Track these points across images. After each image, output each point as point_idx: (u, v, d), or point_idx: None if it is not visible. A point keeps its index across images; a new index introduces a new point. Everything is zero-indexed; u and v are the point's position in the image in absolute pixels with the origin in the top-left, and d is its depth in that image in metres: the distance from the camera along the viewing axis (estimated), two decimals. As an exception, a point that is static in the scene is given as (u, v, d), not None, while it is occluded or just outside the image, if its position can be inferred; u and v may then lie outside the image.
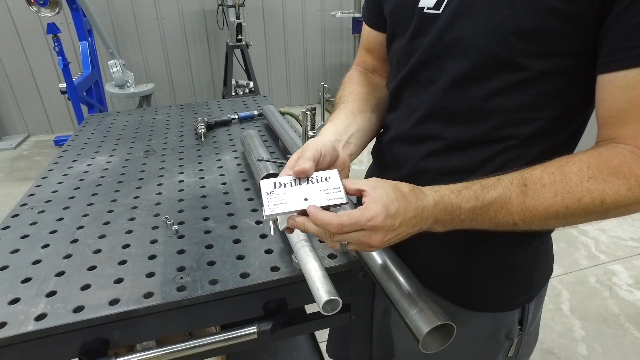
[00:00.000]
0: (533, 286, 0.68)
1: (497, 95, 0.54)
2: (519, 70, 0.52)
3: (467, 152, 0.59)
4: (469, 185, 0.51)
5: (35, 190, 0.97)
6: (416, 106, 0.64)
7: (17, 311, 0.60)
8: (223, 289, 0.63)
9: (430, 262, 0.68)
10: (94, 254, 0.73)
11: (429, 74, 0.61)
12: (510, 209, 0.49)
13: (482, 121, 0.56)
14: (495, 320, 0.68)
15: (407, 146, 0.67)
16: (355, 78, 0.79)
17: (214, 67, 4.41)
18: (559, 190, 0.47)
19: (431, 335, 0.50)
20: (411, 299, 0.51)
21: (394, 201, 0.47)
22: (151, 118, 1.50)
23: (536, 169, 0.49)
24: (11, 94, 3.96)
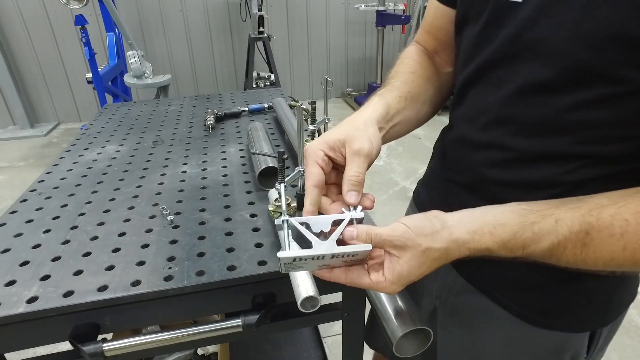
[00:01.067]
0: (611, 310, 0.60)
1: (582, 108, 0.46)
2: (615, 82, 0.44)
3: (538, 166, 0.52)
4: (519, 232, 0.44)
5: (46, 177, 1.00)
6: (483, 108, 0.57)
7: (11, 293, 0.63)
8: (209, 280, 0.64)
9: (498, 272, 0.61)
10: (90, 240, 0.75)
11: (500, 74, 0.53)
12: (560, 258, 0.44)
13: (560, 135, 0.49)
14: (562, 340, 0.61)
15: (471, 151, 0.60)
16: (416, 56, 0.71)
17: (236, 58, 4.45)
18: (630, 244, 0.39)
19: (408, 340, 0.48)
20: (390, 301, 0.50)
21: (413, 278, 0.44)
22: (164, 109, 1.52)
23: (606, 210, 0.41)
24: (43, 83, 4.12)
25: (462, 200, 0.62)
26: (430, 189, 0.77)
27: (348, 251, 0.44)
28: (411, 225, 0.44)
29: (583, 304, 0.58)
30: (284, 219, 0.46)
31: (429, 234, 0.44)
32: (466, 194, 0.62)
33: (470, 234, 0.44)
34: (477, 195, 0.60)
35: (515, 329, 0.61)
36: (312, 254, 0.43)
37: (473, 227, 0.45)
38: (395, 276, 0.43)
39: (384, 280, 0.44)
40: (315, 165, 0.49)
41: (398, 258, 0.44)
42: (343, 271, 0.46)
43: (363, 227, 0.44)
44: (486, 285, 0.62)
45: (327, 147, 0.51)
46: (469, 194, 0.62)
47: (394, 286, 0.44)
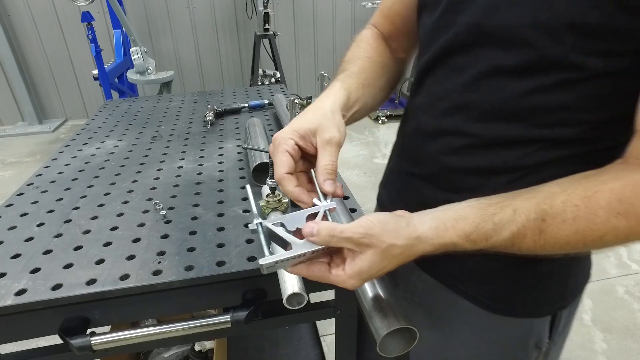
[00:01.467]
0: (568, 292, 0.62)
1: (540, 93, 0.48)
2: (571, 69, 0.45)
3: (496, 151, 0.53)
4: (480, 225, 0.45)
5: (43, 171, 1.01)
6: (441, 95, 0.57)
7: (0, 285, 0.63)
8: (197, 275, 0.63)
9: (459, 264, 0.62)
10: (83, 234, 0.75)
11: (460, 61, 0.54)
12: (521, 246, 0.45)
13: (518, 119, 0.50)
14: (525, 327, 0.63)
15: (429, 140, 0.60)
16: (372, 40, 0.72)
17: (242, 56, 4.46)
18: (581, 227, 0.42)
19: (394, 339, 0.47)
20: (375, 300, 0.49)
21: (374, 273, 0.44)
22: (165, 105, 1.52)
23: (557, 198, 0.43)
24: (52, 80, 4.16)
25: (421, 193, 0.63)
26: (389, 188, 0.77)
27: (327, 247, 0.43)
28: (375, 222, 0.44)
29: (541, 289, 0.59)
30: (257, 222, 0.47)
31: (392, 230, 0.44)
32: (426, 185, 0.62)
33: (433, 229, 0.45)
34: (437, 185, 0.60)
35: (480, 320, 0.63)
36: (293, 255, 0.43)
37: (436, 223, 0.45)
38: (355, 271, 0.43)
39: (344, 274, 0.44)
40: (285, 153, 0.50)
41: (361, 253, 0.44)
42: (306, 266, 0.46)
43: (326, 224, 0.43)
44: (449, 278, 0.63)
45: (298, 136, 0.51)
46: (428, 186, 0.62)
47: (352, 281, 0.44)
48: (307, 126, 0.51)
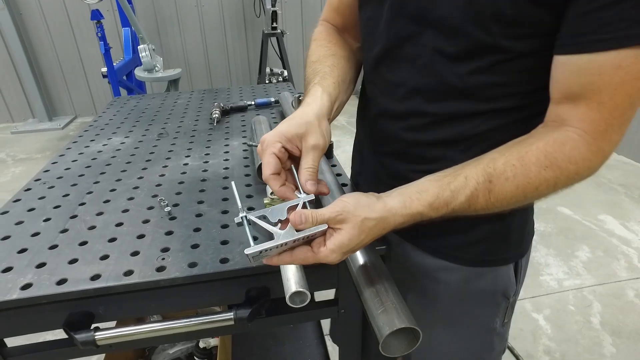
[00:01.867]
0: (524, 241, 0.71)
1: (479, 73, 0.55)
2: (500, 52, 0.53)
3: (452, 125, 0.60)
4: (440, 193, 0.51)
5: (51, 167, 1.02)
6: (399, 81, 0.63)
7: (7, 279, 0.63)
8: (200, 272, 0.63)
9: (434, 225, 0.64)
10: (88, 230, 0.75)
11: (410, 50, 0.60)
12: (476, 206, 0.52)
13: (464, 97, 0.58)
14: (491, 276, 0.70)
15: (393, 121, 0.67)
16: (330, 37, 0.76)
17: (250, 54, 4.46)
18: (520, 182, 0.50)
19: (397, 339, 0.47)
20: (379, 298, 0.48)
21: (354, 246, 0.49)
22: (172, 102, 1.53)
23: (499, 161, 0.51)
24: (62, 78, 4.21)
25: (393, 167, 0.70)
26: (361, 169, 0.83)
27: (307, 234, 0.47)
28: (349, 200, 0.50)
29: (504, 239, 0.68)
30: (242, 216, 0.51)
31: (365, 205, 0.49)
32: (393, 161, 0.69)
33: (401, 202, 0.51)
34: (405, 159, 0.67)
35: (452, 276, 0.70)
36: (276, 244, 0.47)
37: (403, 198, 0.51)
38: (336, 245, 0.47)
39: (325, 250, 0.48)
40: (272, 155, 0.54)
41: (340, 230, 0.48)
42: (289, 253, 0.49)
43: (307, 211, 0.48)
44: (419, 237, 0.70)
45: (285, 139, 0.55)
46: (396, 161, 0.69)
47: (334, 254, 0.48)
48: (295, 131, 0.55)
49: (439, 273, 0.71)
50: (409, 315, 0.46)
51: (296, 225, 0.48)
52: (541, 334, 1.67)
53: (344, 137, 3.56)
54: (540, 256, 2.12)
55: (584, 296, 1.88)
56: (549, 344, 1.63)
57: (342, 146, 3.25)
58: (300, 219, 0.47)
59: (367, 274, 0.54)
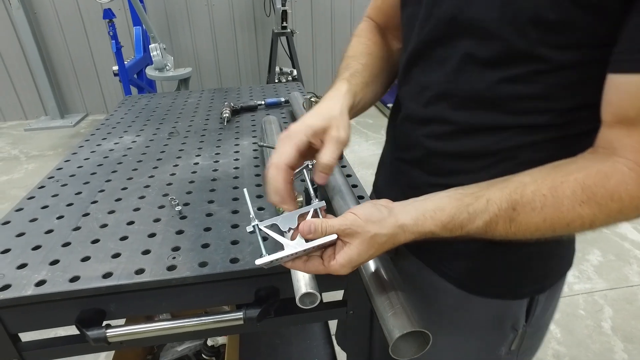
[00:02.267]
0: (548, 276, 0.65)
1: (511, 82, 0.51)
2: (537, 61, 0.48)
3: (475, 137, 0.56)
4: (456, 215, 0.48)
5: (64, 165, 1.03)
6: (427, 85, 0.60)
7: (22, 275, 0.64)
8: (211, 272, 0.64)
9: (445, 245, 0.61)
10: (100, 228, 0.76)
11: (441, 52, 0.57)
12: (494, 233, 0.48)
13: (494, 107, 0.53)
14: (502, 308, 0.65)
15: (416, 127, 0.64)
16: (370, 35, 0.74)
17: (260, 53, 4.47)
18: (549, 215, 0.45)
19: (407, 342, 0.47)
20: (389, 301, 0.48)
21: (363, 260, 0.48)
22: (183, 101, 1.54)
23: (528, 188, 0.46)
24: (74, 76, 4.26)
25: (411, 176, 0.67)
26: (383, 173, 0.81)
27: (316, 244, 0.47)
28: (360, 214, 0.48)
29: (520, 271, 0.62)
30: (253, 225, 0.51)
31: (376, 221, 0.47)
32: (414, 170, 0.66)
33: (414, 219, 0.48)
34: (423, 169, 0.64)
35: (461, 302, 0.66)
36: (286, 254, 0.47)
37: (416, 214, 0.48)
38: (345, 260, 0.47)
39: (335, 264, 0.47)
40: (294, 147, 0.53)
41: (349, 244, 0.47)
42: (303, 262, 0.50)
43: (316, 222, 0.47)
44: (431, 257, 0.67)
45: (312, 132, 0.54)
46: (415, 169, 0.66)
47: (344, 268, 0.47)
48: (321, 124, 0.54)
49: (446, 295, 0.67)
50: (419, 319, 0.46)
51: (305, 235, 0.48)
52: (550, 338, 1.65)
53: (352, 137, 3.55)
54: (551, 259, 2.09)
55: (594, 300, 1.85)
56: (558, 348, 1.61)
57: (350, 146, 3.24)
58: (309, 229, 0.47)
59: (377, 277, 0.54)
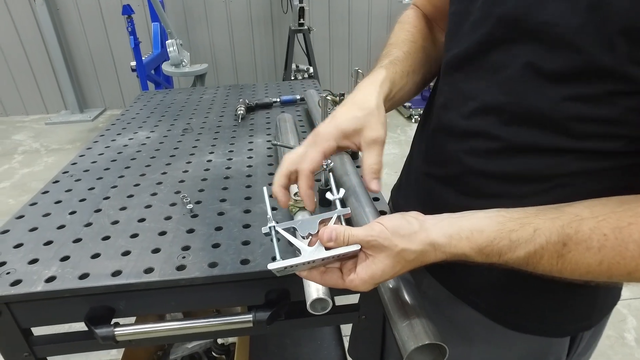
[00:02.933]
0: (594, 313, 0.58)
1: (581, 102, 0.42)
2: (620, 80, 0.40)
3: (527, 157, 0.48)
4: (496, 239, 0.42)
5: (78, 160, 1.03)
6: (472, 94, 0.52)
7: (32, 271, 0.64)
8: (220, 273, 0.62)
9: (475, 276, 0.58)
10: (111, 224, 0.75)
11: (495, 58, 0.48)
12: (537, 267, 0.42)
13: (553, 127, 0.45)
14: (541, 345, 0.59)
15: (453, 140, 0.56)
16: (416, 22, 0.69)
17: (276, 50, 4.46)
18: (607, 259, 0.38)
19: (423, 354, 0.44)
20: (404, 311, 0.46)
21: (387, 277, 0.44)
22: (198, 97, 1.53)
23: (586, 224, 0.39)
24: (93, 71, 4.33)
25: (440, 196, 0.60)
26: (406, 190, 0.74)
27: (337, 254, 0.43)
28: (388, 225, 0.43)
29: (563, 309, 0.56)
30: (270, 226, 0.47)
31: (405, 235, 0.43)
32: (445, 189, 0.59)
33: (447, 237, 0.43)
34: (457, 189, 0.57)
35: (493, 334, 0.59)
36: (302, 261, 0.44)
37: (450, 231, 0.43)
38: (368, 275, 0.43)
39: (356, 279, 0.44)
40: (321, 153, 0.50)
41: (373, 257, 0.43)
42: (319, 274, 0.46)
43: (339, 229, 0.44)
44: (462, 288, 0.60)
45: (342, 135, 0.51)
46: (448, 189, 0.58)
47: (366, 285, 0.44)
48: (354, 126, 0.51)
49: (478, 326, 0.61)
50: (435, 331, 0.43)
51: (325, 242, 0.44)
52: (569, 347, 1.60)
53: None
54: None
55: (617, 310, 1.78)
56: (577, 358, 1.56)
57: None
58: (330, 236, 0.43)
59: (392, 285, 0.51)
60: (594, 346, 0.65)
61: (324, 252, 0.44)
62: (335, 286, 0.46)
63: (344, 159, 0.89)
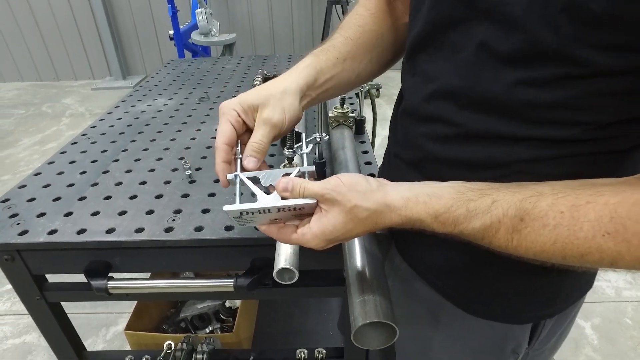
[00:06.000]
0: (558, 302, 0.57)
1: (533, 86, 0.41)
2: (569, 63, 0.38)
3: (482, 144, 0.47)
4: (453, 207, 0.41)
5: (98, 124, 1.08)
6: (432, 76, 0.50)
7: (39, 223, 0.69)
8: (204, 237, 0.64)
9: (437, 255, 0.57)
10: (115, 185, 0.79)
11: (453, 38, 0.46)
12: (492, 240, 0.41)
13: (509, 113, 0.44)
14: (503, 331, 0.58)
15: (415, 123, 0.55)
16: (371, 5, 0.65)
17: (315, 21, 4.40)
18: (561, 238, 0.37)
19: (376, 331, 0.44)
20: (361, 287, 0.46)
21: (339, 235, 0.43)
22: (220, 67, 1.55)
23: (544, 200, 0.38)
24: (136, 39, 4.46)
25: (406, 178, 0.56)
26: (383, 169, 0.72)
27: (291, 204, 0.43)
28: (345, 180, 0.43)
29: (525, 295, 0.54)
30: (235, 174, 0.48)
31: (361, 192, 0.43)
32: (411, 171, 0.57)
33: (404, 200, 0.42)
34: (421, 173, 0.55)
35: (455, 318, 0.58)
36: (257, 207, 0.43)
37: (408, 195, 0.43)
38: (320, 229, 0.43)
39: (308, 232, 0.43)
40: (227, 123, 0.50)
41: (326, 212, 0.43)
42: (277, 228, 0.47)
43: (295, 180, 0.44)
44: (428, 271, 0.59)
45: (241, 109, 0.51)
46: (414, 172, 0.57)
47: (316, 240, 0.43)
48: (252, 101, 0.51)
49: (442, 310, 0.60)
50: (388, 310, 0.43)
51: (280, 191, 0.44)
52: (585, 343, 1.54)
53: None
54: (600, 260, 1.92)
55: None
56: (593, 355, 1.50)
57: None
58: (285, 186, 0.44)
59: (357, 258, 0.51)
60: (563, 335, 0.64)
61: (279, 201, 0.44)
62: (289, 241, 0.46)
63: (345, 134, 0.88)
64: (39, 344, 1.58)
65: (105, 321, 1.67)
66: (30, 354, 1.55)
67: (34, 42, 4.46)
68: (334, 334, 1.37)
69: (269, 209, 0.43)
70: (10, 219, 0.70)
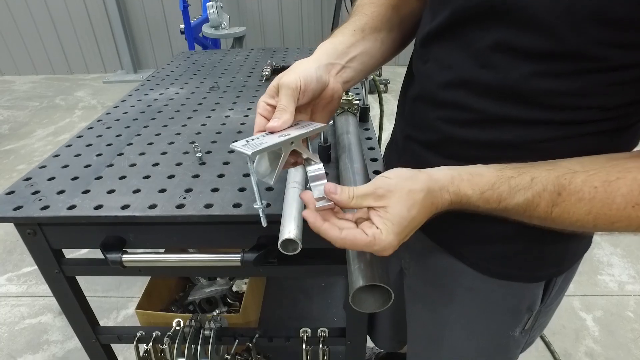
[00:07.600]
0: (566, 259, 0.62)
1: (552, 77, 0.44)
2: (589, 60, 0.41)
3: (501, 129, 0.50)
4: (496, 184, 0.45)
5: (112, 110, 1.13)
6: (448, 65, 0.53)
7: (59, 200, 0.73)
8: (213, 213, 0.68)
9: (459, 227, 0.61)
10: (129, 166, 0.83)
11: (471, 33, 0.49)
12: (532, 214, 0.45)
13: (524, 101, 0.47)
14: (520, 291, 0.63)
15: (431, 109, 0.57)
16: None
17: (324, 15, 4.42)
18: (595, 209, 0.42)
19: (372, 296, 0.48)
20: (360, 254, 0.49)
21: (407, 225, 0.43)
22: (230, 59, 1.59)
23: (578, 177, 0.42)
24: (147, 33, 4.52)
25: (423, 158, 0.60)
26: (393, 149, 0.75)
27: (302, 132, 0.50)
28: (388, 174, 0.45)
29: (539, 254, 0.59)
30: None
31: (408, 177, 0.44)
32: (427, 152, 0.60)
33: (449, 177, 0.45)
34: (439, 153, 0.58)
35: (475, 283, 0.63)
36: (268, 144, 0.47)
37: (451, 172, 0.45)
38: (389, 225, 0.42)
39: (380, 232, 0.42)
40: (258, 116, 0.54)
41: (384, 208, 0.43)
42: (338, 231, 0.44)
43: (344, 187, 0.45)
44: (449, 241, 0.63)
45: (267, 96, 0.54)
46: (430, 152, 0.59)
47: (391, 236, 0.42)
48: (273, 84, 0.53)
49: (461, 276, 0.64)
50: (384, 275, 0.46)
51: (327, 193, 0.44)
52: (586, 334, 1.55)
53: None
54: (603, 254, 1.93)
55: (648, 301, 1.69)
56: (593, 346, 1.51)
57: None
58: (334, 189, 0.44)
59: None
60: (565, 290, 0.69)
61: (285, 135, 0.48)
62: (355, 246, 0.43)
63: (349, 120, 0.91)
64: (54, 324, 1.64)
65: (117, 304, 1.73)
66: (45, 333, 1.61)
67: (48, 37, 4.55)
68: (338, 319, 1.41)
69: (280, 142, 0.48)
70: (32, 195, 0.74)
